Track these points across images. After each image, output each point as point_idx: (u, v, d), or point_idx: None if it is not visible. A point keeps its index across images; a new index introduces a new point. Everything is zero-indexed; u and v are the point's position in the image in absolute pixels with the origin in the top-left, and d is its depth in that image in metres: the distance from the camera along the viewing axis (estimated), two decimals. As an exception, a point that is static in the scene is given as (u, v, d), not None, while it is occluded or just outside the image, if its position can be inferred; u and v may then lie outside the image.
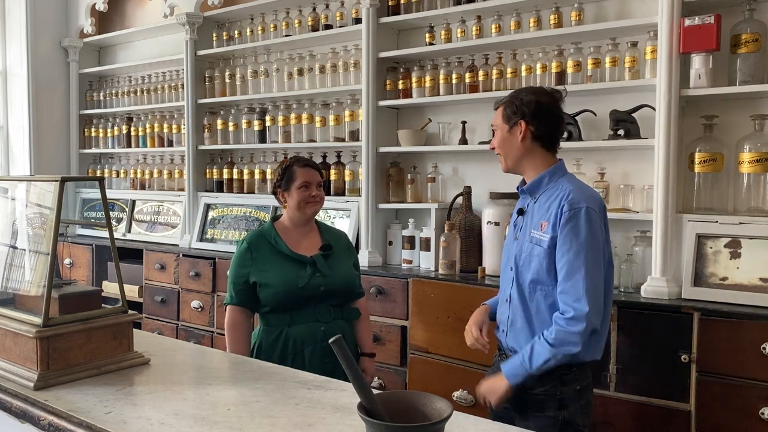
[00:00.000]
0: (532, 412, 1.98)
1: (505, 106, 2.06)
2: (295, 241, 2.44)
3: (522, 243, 2.05)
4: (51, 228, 1.64)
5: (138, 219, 4.89)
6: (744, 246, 2.50)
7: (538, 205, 2.02)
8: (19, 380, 1.60)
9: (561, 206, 1.92)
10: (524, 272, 2.01)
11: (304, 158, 2.54)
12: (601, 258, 1.93)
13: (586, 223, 1.90)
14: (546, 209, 1.98)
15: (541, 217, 1.99)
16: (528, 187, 2.06)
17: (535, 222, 2.01)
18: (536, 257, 1.97)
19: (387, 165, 3.64)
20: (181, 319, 4.14)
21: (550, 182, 2.02)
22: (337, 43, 3.85)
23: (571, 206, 1.91)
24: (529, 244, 2.01)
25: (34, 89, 4.99)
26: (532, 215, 2.04)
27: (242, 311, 2.42)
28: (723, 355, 2.37)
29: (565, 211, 1.91)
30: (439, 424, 1.11)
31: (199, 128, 4.45)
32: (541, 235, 1.97)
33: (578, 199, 1.92)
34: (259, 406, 1.49)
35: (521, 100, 2.03)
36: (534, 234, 1.99)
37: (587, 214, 1.90)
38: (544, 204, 1.99)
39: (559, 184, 2.00)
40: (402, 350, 3.19)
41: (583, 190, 1.99)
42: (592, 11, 3.06)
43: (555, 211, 1.94)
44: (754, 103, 2.68)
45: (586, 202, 1.92)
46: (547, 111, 2.02)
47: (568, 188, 1.96)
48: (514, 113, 2.03)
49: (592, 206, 1.92)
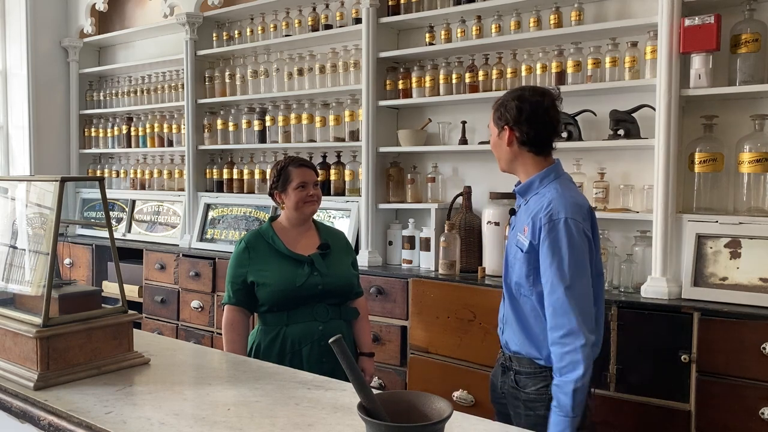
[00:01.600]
0: (525, 411, 1.99)
1: (494, 111, 2.06)
2: (293, 240, 2.44)
3: (510, 244, 2.07)
4: (51, 228, 1.64)
5: (138, 219, 4.89)
6: (744, 246, 2.50)
7: (526, 208, 2.02)
8: (19, 380, 1.60)
9: (540, 216, 1.90)
10: (511, 273, 2.03)
11: (299, 158, 2.53)
12: (585, 268, 1.89)
13: (565, 235, 1.86)
14: (529, 214, 1.97)
15: (524, 221, 1.99)
16: (519, 189, 2.06)
17: (520, 225, 2.02)
18: (518, 261, 1.98)
19: (387, 165, 3.64)
20: (181, 319, 4.14)
21: (540, 186, 2.00)
22: (337, 43, 3.85)
23: (550, 218, 1.88)
24: (514, 247, 2.02)
25: (34, 89, 4.99)
26: (520, 218, 2.05)
27: (240, 311, 2.42)
28: (723, 355, 2.37)
29: (544, 223, 1.88)
30: (439, 424, 1.11)
31: (199, 128, 4.45)
32: (522, 239, 1.97)
33: (557, 210, 1.88)
34: (259, 406, 1.49)
35: (505, 105, 2.02)
36: (518, 237, 2.00)
37: (566, 226, 1.86)
38: (531, 208, 1.98)
39: (546, 189, 1.97)
40: (402, 350, 3.19)
41: (565, 197, 1.92)
42: (592, 11, 3.06)
43: (534, 219, 1.93)
44: (754, 103, 2.68)
45: (565, 213, 1.87)
46: (532, 116, 1.97)
47: (550, 197, 1.93)
48: (500, 119, 2.03)
49: (573, 216, 1.88)
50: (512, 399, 2.04)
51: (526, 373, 2.00)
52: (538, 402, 1.95)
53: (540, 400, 1.95)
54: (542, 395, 1.95)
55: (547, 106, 1.98)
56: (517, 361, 2.02)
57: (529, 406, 1.98)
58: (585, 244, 1.90)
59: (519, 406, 2.01)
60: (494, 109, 2.07)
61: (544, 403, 1.94)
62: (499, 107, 2.05)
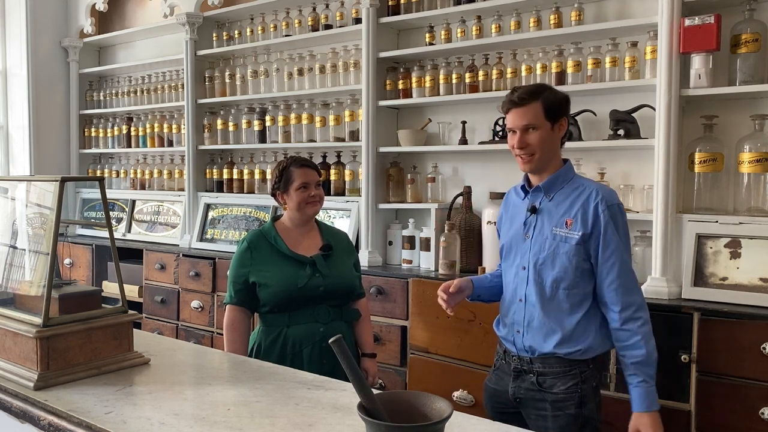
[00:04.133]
0: (552, 411, 1.98)
1: (545, 103, 1.98)
2: (295, 240, 2.43)
3: (540, 242, 2.02)
4: (51, 228, 1.64)
5: (138, 219, 4.89)
6: (744, 246, 2.50)
7: (555, 203, 2.02)
8: (19, 380, 1.60)
9: (594, 204, 1.96)
10: (545, 271, 2.00)
11: (300, 158, 2.53)
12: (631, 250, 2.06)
13: (622, 219, 1.99)
14: (568, 206, 1.99)
15: (563, 214, 2.00)
16: (545, 184, 2.04)
17: (556, 220, 2.01)
18: (563, 255, 1.98)
19: (387, 165, 3.64)
20: (181, 319, 4.14)
21: (565, 180, 2.04)
22: (337, 43, 3.85)
23: (608, 204, 1.96)
24: (552, 242, 2.00)
25: (34, 89, 4.99)
26: (551, 213, 2.02)
27: (241, 311, 2.42)
28: (723, 355, 2.37)
29: (603, 210, 1.95)
30: (439, 424, 1.11)
31: (199, 128, 4.45)
32: (567, 232, 1.98)
33: (610, 197, 1.99)
34: (259, 406, 1.49)
35: (556, 95, 2.02)
36: (558, 232, 1.99)
37: (620, 210, 2.00)
38: (564, 201, 2.01)
39: (577, 182, 2.04)
40: (402, 350, 3.19)
41: (604, 187, 2.06)
42: (592, 11, 3.06)
43: (585, 209, 1.97)
44: (754, 103, 2.68)
45: (616, 199, 2.00)
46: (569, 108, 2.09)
47: (592, 186, 2.02)
48: (557, 111, 2.00)
49: (618, 201, 2.01)
50: (534, 402, 2.01)
51: (554, 373, 1.99)
52: (568, 401, 1.96)
53: (570, 399, 1.96)
54: (572, 393, 1.96)
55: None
56: (543, 362, 2.00)
57: (557, 406, 1.97)
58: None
59: (545, 408, 1.99)
60: (543, 103, 1.97)
61: (575, 401, 1.96)
62: (552, 99, 1.99)
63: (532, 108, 1.97)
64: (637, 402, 1.96)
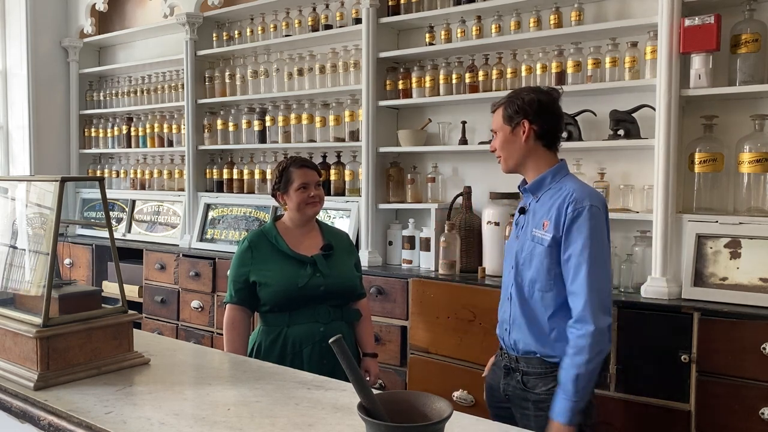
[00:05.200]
0: (535, 411, 1.98)
1: (506, 107, 2.05)
2: (296, 240, 2.44)
3: (523, 242, 2.05)
4: (51, 228, 1.64)
5: (138, 219, 4.89)
6: (744, 246, 2.50)
7: (540, 204, 2.03)
8: (19, 380, 1.60)
9: (565, 206, 1.93)
10: (524, 271, 2.02)
11: (300, 158, 2.53)
12: (606, 254, 1.95)
13: (589, 222, 1.91)
14: (548, 208, 1.98)
15: (542, 216, 1.99)
16: (530, 186, 2.06)
17: (536, 221, 2.01)
18: (537, 256, 1.98)
19: (387, 165, 3.64)
20: (181, 319, 4.14)
21: (553, 182, 2.03)
22: (337, 43, 3.85)
23: (575, 206, 1.92)
24: (531, 243, 2.01)
25: (34, 89, 4.99)
26: (534, 214, 2.04)
27: (241, 310, 2.42)
28: (723, 355, 2.37)
29: (570, 210, 1.92)
30: (439, 424, 1.11)
31: (199, 128, 4.45)
32: (542, 234, 1.98)
33: (581, 198, 1.93)
34: (259, 406, 1.49)
35: (522, 99, 2.02)
36: (536, 233, 2.00)
37: (590, 212, 1.91)
38: (547, 203, 2.00)
39: (562, 183, 2.01)
40: (402, 350, 3.19)
41: (585, 189, 2.00)
42: (592, 11, 3.06)
43: (558, 211, 1.94)
44: (754, 103, 2.68)
45: (589, 200, 1.93)
46: (548, 109, 2.03)
47: (571, 188, 1.97)
48: (516, 113, 2.02)
49: (595, 204, 1.94)
50: (519, 401, 2.03)
51: (536, 373, 2.00)
52: (548, 402, 1.95)
53: (550, 400, 1.94)
54: (552, 394, 1.94)
55: (557, 99, 2.06)
56: (526, 362, 2.02)
57: (539, 406, 1.97)
58: (606, 232, 1.97)
59: (528, 407, 2.00)
60: (504, 106, 2.05)
61: None
62: (513, 102, 2.03)
63: (497, 114, 2.09)
64: (553, 408, 1.89)
